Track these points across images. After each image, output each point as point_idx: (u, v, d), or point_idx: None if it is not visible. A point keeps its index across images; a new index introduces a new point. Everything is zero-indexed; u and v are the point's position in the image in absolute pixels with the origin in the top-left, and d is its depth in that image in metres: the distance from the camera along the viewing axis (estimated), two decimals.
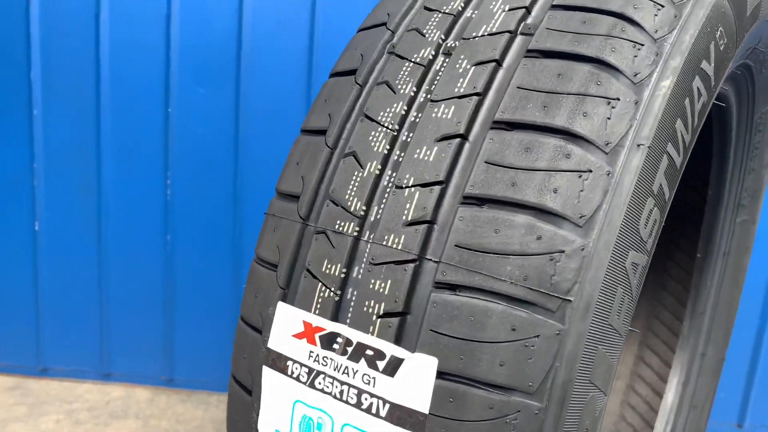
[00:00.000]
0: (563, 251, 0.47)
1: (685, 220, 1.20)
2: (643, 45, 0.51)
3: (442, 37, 0.58)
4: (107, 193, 1.73)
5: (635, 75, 0.50)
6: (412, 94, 0.56)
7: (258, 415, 0.58)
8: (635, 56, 0.51)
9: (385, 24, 0.62)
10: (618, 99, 0.49)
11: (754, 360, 1.77)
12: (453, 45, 0.57)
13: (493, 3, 0.57)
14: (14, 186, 1.74)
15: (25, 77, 1.69)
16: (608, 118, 0.49)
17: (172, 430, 1.63)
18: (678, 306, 1.23)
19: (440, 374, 0.48)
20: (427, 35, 0.58)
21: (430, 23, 0.59)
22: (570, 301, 0.47)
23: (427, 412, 0.48)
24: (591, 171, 0.48)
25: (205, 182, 1.71)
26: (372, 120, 0.57)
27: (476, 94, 0.52)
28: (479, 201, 0.49)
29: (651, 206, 0.51)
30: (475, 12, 0.58)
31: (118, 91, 1.67)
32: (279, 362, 0.56)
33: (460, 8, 0.59)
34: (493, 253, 0.47)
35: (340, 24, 1.61)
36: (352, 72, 0.61)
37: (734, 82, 0.91)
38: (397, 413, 0.49)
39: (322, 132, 0.60)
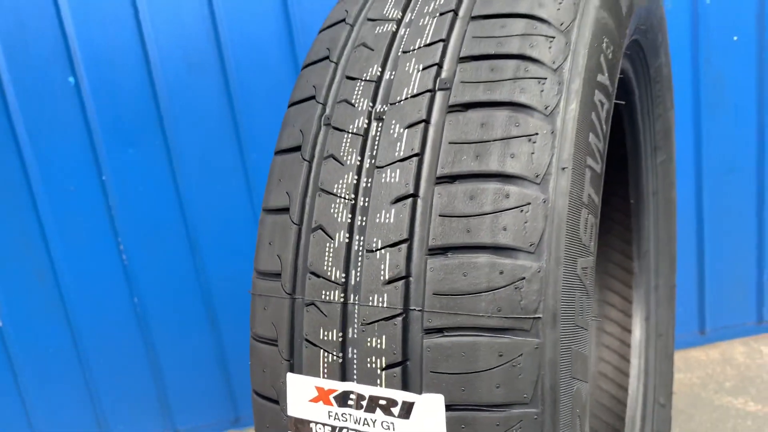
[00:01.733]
0: (524, 278, 0.55)
1: (616, 171, 1.31)
2: (545, 78, 0.59)
3: (371, 104, 0.63)
4: (63, 272, 1.72)
5: (546, 108, 0.58)
6: (358, 163, 0.62)
7: None
8: (542, 91, 0.58)
9: (314, 97, 0.68)
10: (537, 134, 0.57)
11: (700, 268, 1.93)
12: (382, 110, 0.63)
13: (407, 64, 0.64)
14: None
15: None
16: (532, 153, 0.56)
17: None
18: (626, 247, 1.35)
19: (448, 407, 0.55)
20: (356, 105, 0.64)
21: (356, 92, 0.65)
22: (539, 317, 0.55)
23: None
24: (530, 203, 0.55)
25: (157, 238, 1.72)
26: (329, 193, 0.62)
27: (415, 155, 0.59)
28: (443, 250, 0.56)
29: (586, 215, 0.59)
30: (393, 74, 0.64)
31: (48, 171, 1.66)
32: (302, 426, 0.62)
33: (378, 73, 0.65)
34: (467, 294, 0.55)
35: (250, 63, 1.63)
36: (297, 149, 0.67)
37: (628, 54, 1.00)
38: None
39: (285, 210, 0.66)
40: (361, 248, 0.60)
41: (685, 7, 1.76)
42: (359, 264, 0.60)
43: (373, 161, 0.61)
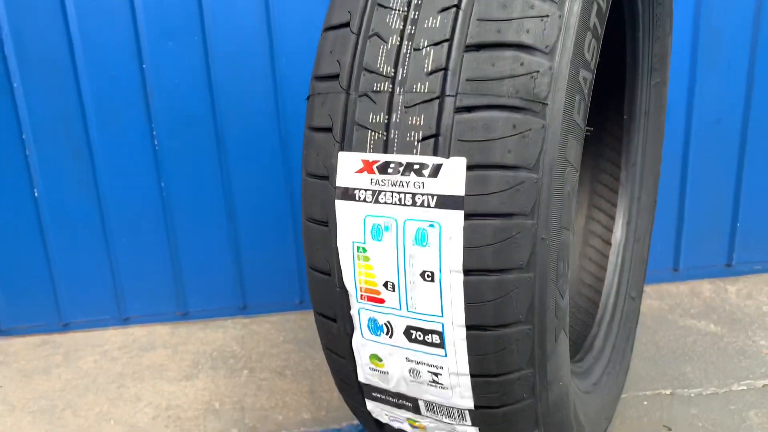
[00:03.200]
0: (538, 71, 0.70)
1: (613, 88, 1.46)
2: None
3: None
4: (99, 155, 1.87)
5: None
6: None
7: (336, 236, 0.80)
8: None
9: None
10: None
11: (680, 211, 2.10)
12: None
13: None
14: (8, 158, 1.84)
15: None
16: None
17: (200, 351, 1.84)
18: (616, 157, 1.51)
19: (469, 168, 0.71)
20: None
21: None
22: (547, 104, 0.70)
23: (463, 194, 0.71)
24: (548, 16, 0.71)
25: (188, 129, 1.87)
26: (385, 7, 0.77)
27: None
28: (477, 47, 0.71)
29: (590, 38, 0.74)
30: None
31: (92, 56, 1.79)
32: (347, 194, 0.78)
33: None
34: (493, 80, 0.70)
35: None
36: None
37: None
38: (443, 201, 0.72)
39: (345, 24, 0.80)
40: (409, 50, 0.75)
41: None
42: (407, 61, 0.75)
43: None
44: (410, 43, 0.75)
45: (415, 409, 0.86)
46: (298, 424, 1.48)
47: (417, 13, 0.76)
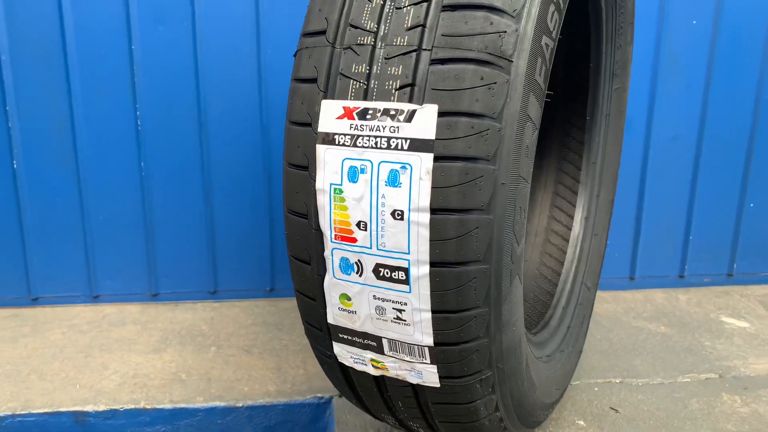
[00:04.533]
0: (506, 31, 0.79)
1: (578, 91, 1.56)
2: None
3: None
4: (81, 131, 1.91)
5: None
6: None
7: (315, 179, 0.86)
8: None
9: None
10: None
11: (637, 223, 2.21)
12: None
13: None
14: None
15: None
16: None
17: (169, 330, 1.87)
18: (577, 157, 1.61)
19: (440, 114, 0.79)
20: None
21: None
22: (512, 61, 0.79)
23: (434, 137, 0.79)
24: None
25: (171, 111, 1.92)
26: None
27: None
28: (452, 7, 0.80)
29: (553, 9, 0.83)
30: None
31: (82, 34, 1.84)
32: (328, 138, 0.85)
33: None
34: (466, 36, 0.78)
35: None
36: None
37: None
38: (416, 144, 0.79)
39: None
40: (391, 8, 0.83)
41: None
42: (389, 18, 0.83)
43: None
44: (393, 2, 0.83)
45: (379, 349, 0.92)
46: (263, 395, 1.52)
47: None
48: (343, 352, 0.97)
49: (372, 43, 0.83)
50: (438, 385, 0.91)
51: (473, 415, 0.95)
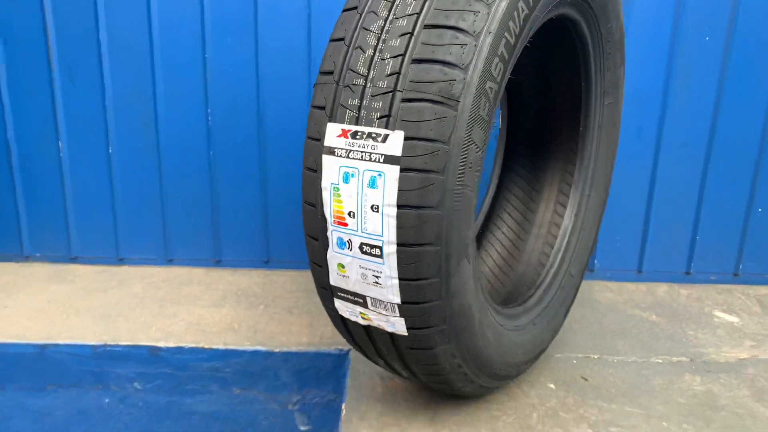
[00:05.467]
0: (455, 80, 1.08)
1: (573, 105, 1.81)
2: None
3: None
4: (163, 125, 2.31)
5: (489, 3, 1.11)
6: (385, 16, 1.16)
7: (321, 179, 1.20)
8: None
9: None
10: (479, 11, 1.10)
11: (646, 221, 2.42)
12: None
13: None
14: (91, 122, 2.32)
15: (95, 38, 2.24)
16: (474, 20, 1.10)
17: (227, 290, 2.26)
18: (571, 163, 1.86)
19: (406, 138, 1.10)
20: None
21: None
22: (459, 101, 1.09)
23: (400, 155, 1.10)
24: (467, 44, 1.09)
25: (235, 108, 2.30)
26: (367, 30, 1.17)
27: (416, 13, 1.13)
28: (419, 61, 1.10)
29: (497, 61, 1.12)
30: None
31: (166, 45, 2.24)
32: (330, 150, 1.18)
33: None
34: (427, 82, 1.09)
35: None
36: (355, 8, 1.21)
37: (579, 9, 1.51)
38: (388, 158, 1.11)
39: (341, 39, 1.20)
40: (378, 59, 1.15)
41: (669, 9, 2.23)
42: (376, 67, 1.14)
43: (394, 17, 1.16)
44: (379, 54, 1.15)
45: (365, 304, 1.25)
46: (297, 345, 1.88)
47: (386, 35, 1.15)
48: (342, 307, 1.30)
49: (363, 84, 1.15)
50: (407, 334, 1.24)
51: (435, 359, 1.27)
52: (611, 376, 1.76)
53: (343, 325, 1.37)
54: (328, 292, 1.31)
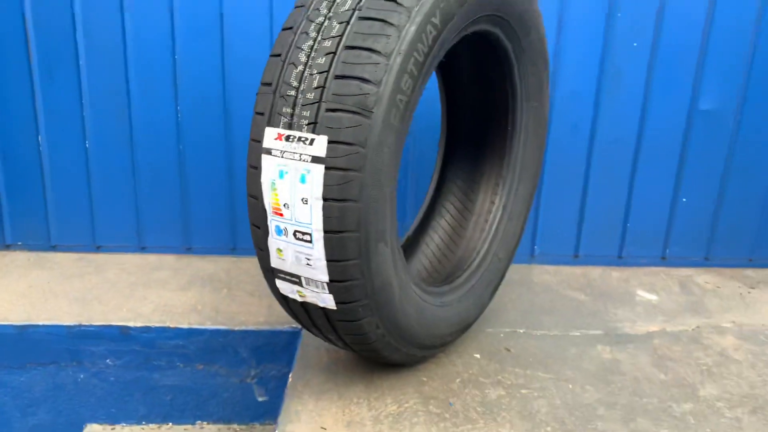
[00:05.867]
0: (369, 94, 1.29)
1: (503, 107, 2.02)
2: (403, 15, 1.32)
3: (326, 11, 1.38)
4: (136, 120, 2.50)
5: (400, 28, 1.31)
6: (314, 37, 1.36)
7: (261, 176, 1.40)
8: (398, 25, 1.32)
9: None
10: (390, 35, 1.31)
11: (581, 209, 2.65)
12: (329, 15, 1.37)
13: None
14: (69, 118, 2.49)
15: (72, 40, 2.42)
16: (387, 43, 1.30)
17: (195, 275, 2.46)
18: (500, 159, 2.08)
19: (329, 142, 1.30)
20: (320, 10, 1.38)
21: (321, 9, 1.39)
22: (372, 112, 1.29)
23: (324, 155, 1.30)
24: (380, 63, 1.30)
25: (204, 106, 2.49)
26: (300, 48, 1.37)
27: (339, 36, 1.33)
28: (340, 77, 1.31)
29: (406, 77, 1.33)
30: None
31: (139, 47, 2.42)
32: (268, 151, 1.38)
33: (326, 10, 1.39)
34: (346, 95, 1.29)
35: None
36: (291, 28, 1.41)
37: (496, 25, 1.72)
38: (315, 159, 1.31)
39: (278, 55, 1.41)
40: (307, 74, 1.35)
41: (600, 18, 2.45)
42: (305, 81, 1.35)
43: (321, 38, 1.36)
44: (309, 70, 1.35)
45: (300, 283, 1.45)
46: (255, 324, 2.09)
47: (314, 54, 1.35)
48: (282, 286, 1.51)
49: (295, 95, 1.35)
50: (336, 308, 1.45)
51: (361, 329, 1.48)
52: (532, 347, 1.99)
53: (285, 302, 1.58)
54: (270, 274, 1.52)
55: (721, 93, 2.51)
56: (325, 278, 1.40)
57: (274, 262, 1.47)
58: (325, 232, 1.35)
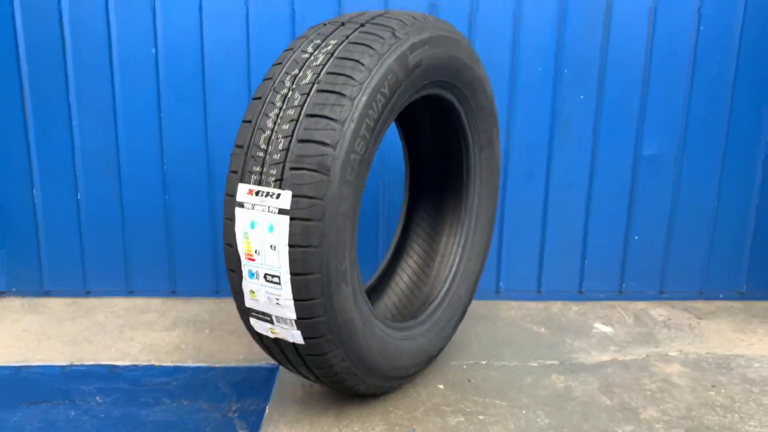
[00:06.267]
0: (327, 154, 1.50)
1: (457, 160, 2.24)
2: (357, 84, 1.54)
3: (290, 83, 1.59)
4: (125, 173, 2.70)
5: (353, 97, 1.53)
6: (280, 106, 1.58)
7: (236, 226, 1.59)
8: (354, 87, 1.53)
9: (271, 78, 1.64)
10: (344, 105, 1.52)
11: (542, 248, 2.85)
12: (292, 86, 1.59)
13: (307, 72, 1.59)
14: (62, 172, 2.69)
15: (65, 100, 2.63)
16: (341, 111, 1.52)
17: (179, 317, 2.62)
18: (459, 203, 2.28)
19: (293, 196, 1.50)
20: (286, 83, 1.60)
21: (287, 81, 1.61)
22: (330, 169, 1.50)
23: (289, 208, 1.50)
24: (336, 129, 1.51)
25: (187, 160, 2.69)
26: (267, 115, 1.58)
27: (300, 105, 1.54)
28: (303, 141, 1.51)
29: (359, 140, 1.54)
30: (302, 73, 1.60)
31: (128, 106, 2.64)
32: (241, 205, 1.58)
33: (296, 73, 1.61)
34: (307, 156, 1.50)
35: (271, 47, 2.61)
36: (260, 98, 1.63)
37: (446, 89, 1.94)
38: (280, 211, 1.51)
39: (249, 121, 1.61)
40: (274, 138, 1.55)
41: (549, 74, 2.70)
42: (272, 144, 1.55)
43: (286, 107, 1.57)
44: (276, 134, 1.56)
45: (271, 321, 1.63)
46: (234, 361, 2.25)
47: (280, 120, 1.56)
48: (257, 324, 1.69)
49: (263, 156, 1.56)
50: (304, 343, 1.62)
51: (328, 362, 1.66)
52: (492, 377, 2.16)
53: (259, 339, 1.75)
54: (245, 314, 1.70)
55: (661, 139, 2.75)
56: (293, 316, 1.58)
57: (249, 303, 1.65)
58: (292, 274, 1.53)
